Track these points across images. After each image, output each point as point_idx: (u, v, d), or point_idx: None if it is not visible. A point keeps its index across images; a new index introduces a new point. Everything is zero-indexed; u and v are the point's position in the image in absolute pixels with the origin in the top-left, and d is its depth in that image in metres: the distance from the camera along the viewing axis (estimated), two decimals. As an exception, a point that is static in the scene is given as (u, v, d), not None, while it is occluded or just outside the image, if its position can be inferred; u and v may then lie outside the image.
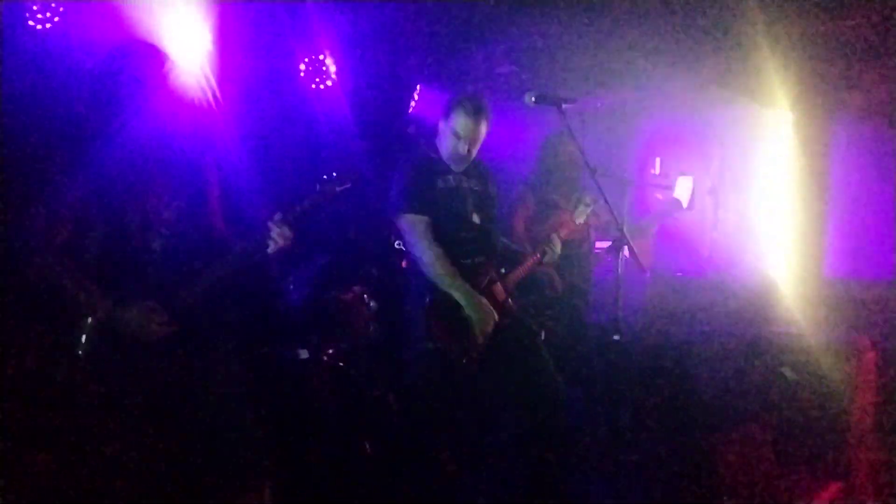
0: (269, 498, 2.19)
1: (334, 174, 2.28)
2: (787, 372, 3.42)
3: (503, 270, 3.04)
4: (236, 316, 2.86)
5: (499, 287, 2.95)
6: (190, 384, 2.12)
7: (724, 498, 2.99)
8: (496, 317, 2.83)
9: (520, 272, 3.08)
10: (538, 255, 3.12)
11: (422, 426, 2.89)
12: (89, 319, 2.04)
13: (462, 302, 2.77)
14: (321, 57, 4.37)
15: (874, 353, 3.43)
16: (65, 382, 2.04)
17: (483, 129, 2.91)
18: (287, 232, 2.18)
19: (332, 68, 4.42)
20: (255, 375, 3.24)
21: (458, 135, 2.87)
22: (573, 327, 3.73)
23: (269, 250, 2.18)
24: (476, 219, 2.95)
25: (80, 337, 2.04)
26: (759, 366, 3.48)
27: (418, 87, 4.67)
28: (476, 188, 3.00)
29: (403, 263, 2.94)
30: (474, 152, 2.94)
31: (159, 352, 2.07)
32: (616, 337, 3.03)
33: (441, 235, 2.85)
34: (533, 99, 2.77)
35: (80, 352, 2.04)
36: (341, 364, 3.58)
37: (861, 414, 3.36)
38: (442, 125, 2.94)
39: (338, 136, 4.39)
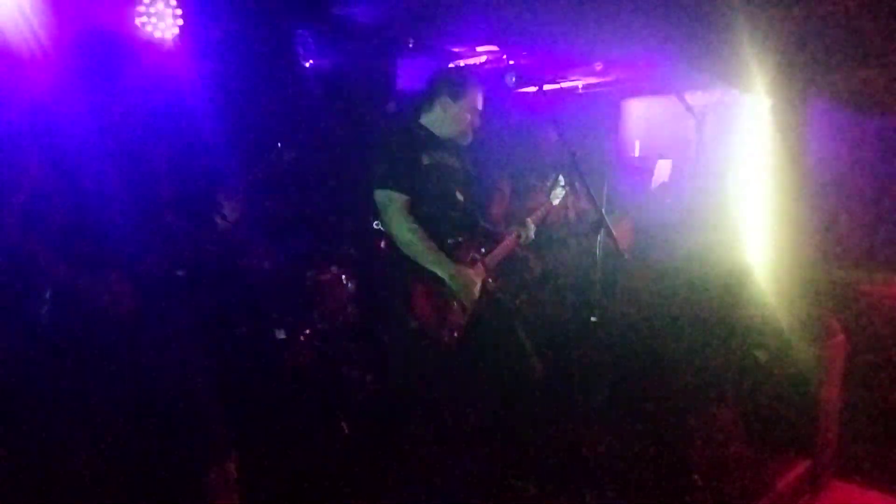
0: (234, 473, 2.20)
1: (279, 144, 2.30)
2: (760, 354, 3.48)
3: (483, 250, 3.04)
4: (205, 295, 2.85)
5: (479, 266, 2.95)
6: (152, 359, 2.13)
7: (695, 477, 3.05)
8: (479, 284, 2.84)
9: (499, 253, 3.08)
10: (514, 237, 3.12)
11: (400, 406, 2.90)
12: (49, 291, 2.02)
13: (443, 274, 2.76)
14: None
15: (844, 335, 3.51)
16: (25, 352, 2.02)
17: None
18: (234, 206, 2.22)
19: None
20: (233, 355, 3.23)
21: (475, 110, 2.89)
22: (550, 309, 3.76)
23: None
24: (460, 196, 2.94)
25: (42, 307, 2.02)
26: (733, 348, 3.54)
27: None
28: (457, 166, 2.98)
29: (382, 244, 2.91)
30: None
31: (121, 324, 2.08)
32: (593, 318, 3.06)
33: (427, 213, 2.82)
34: (513, 80, 2.76)
35: (41, 321, 2.02)
36: (318, 344, 3.58)
37: (829, 394, 3.45)
38: (446, 103, 2.88)
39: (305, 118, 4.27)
